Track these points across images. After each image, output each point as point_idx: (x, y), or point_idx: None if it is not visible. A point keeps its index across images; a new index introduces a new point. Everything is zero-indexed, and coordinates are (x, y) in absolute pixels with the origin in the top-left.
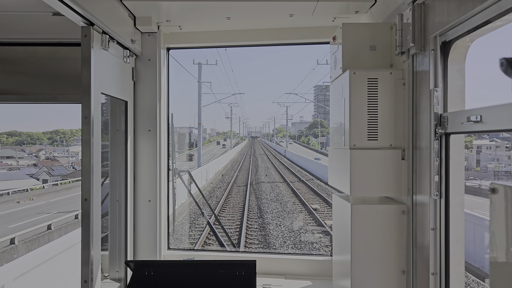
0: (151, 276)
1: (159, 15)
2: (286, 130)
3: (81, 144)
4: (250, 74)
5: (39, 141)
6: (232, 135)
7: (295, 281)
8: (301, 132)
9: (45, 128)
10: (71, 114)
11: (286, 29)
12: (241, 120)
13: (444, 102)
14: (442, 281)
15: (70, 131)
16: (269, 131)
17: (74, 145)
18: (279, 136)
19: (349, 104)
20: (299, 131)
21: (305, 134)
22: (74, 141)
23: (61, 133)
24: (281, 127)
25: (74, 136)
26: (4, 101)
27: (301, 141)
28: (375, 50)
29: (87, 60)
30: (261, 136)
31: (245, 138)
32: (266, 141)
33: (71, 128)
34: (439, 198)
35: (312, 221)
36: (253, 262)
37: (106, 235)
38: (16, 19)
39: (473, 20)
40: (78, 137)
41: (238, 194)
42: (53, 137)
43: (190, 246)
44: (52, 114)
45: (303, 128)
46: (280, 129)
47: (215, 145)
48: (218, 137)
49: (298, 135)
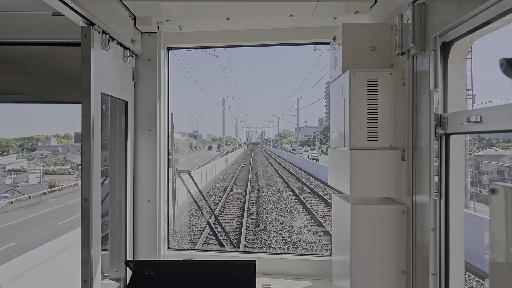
0: (151, 276)
1: (159, 15)
2: (297, 131)
3: (81, 144)
4: (251, 76)
5: (7, 149)
6: (224, 141)
7: (295, 281)
8: (308, 137)
9: (19, 134)
10: (52, 116)
11: (286, 29)
12: (238, 120)
13: (444, 103)
14: (442, 282)
15: (46, 137)
16: (271, 136)
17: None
18: (284, 142)
19: (349, 105)
20: (306, 136)
21: (318, 139)
22: (41, 148)
23: (35, 140)
24: (285, 132)
25: (46, 142)
26: (4, 101)
27: (318, 147)
28: (375, 50)
29: (87, 60)
30: (263, 142)
31: (244, 144)
32: (271, 149)
33: (50, 134)
34: (439, 198)
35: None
36: (253, 262)
37: (105, 234)
38: (16, 19)
39: (473, 20)
40: (46, 144)
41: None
42: (24, 144)
43: (190, 246)
44: (27, 117)
45: (311, 133)
46: (285, 134)
47: (206, 150)
48: (212, 143)
49: (305, 141)
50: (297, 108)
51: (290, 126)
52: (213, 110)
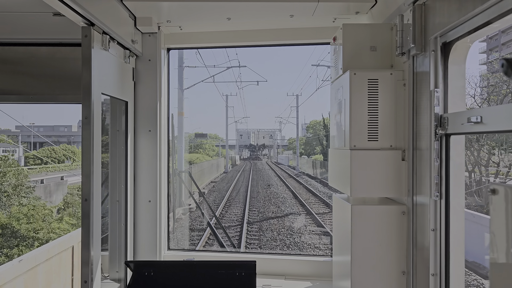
0: (151, 276)
1: (159, 16)
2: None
3: (81, 145)
4: (254, 76)
5: None
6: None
7: (295, 282)
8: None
9: None
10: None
11: (286, 30)
12: (238, 121)
13: (445, 103)
14: (442, 282)
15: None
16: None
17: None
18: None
19: (350, 105)
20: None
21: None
22: None
23: None
24: (292, 139)
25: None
26: (4, 101)
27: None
28: (376, 50)
29: (87, 61)
30: (270, 153)
31: (235, 156)
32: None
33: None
34: (439, 199)
35: None
36: (253, 263)
37: (106, 234)
38: (17, 19)
39: (473, 21)
40: None
41: None
42: None
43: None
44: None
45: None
46: (292, 141)
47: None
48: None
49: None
50: (297, 106)
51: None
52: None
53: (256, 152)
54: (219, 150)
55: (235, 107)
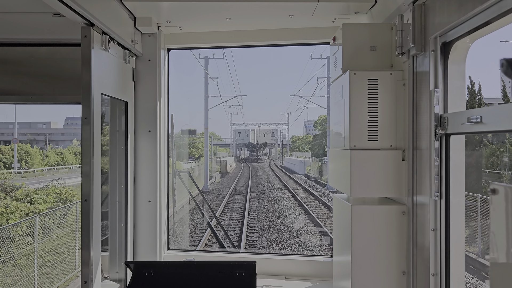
0: (151, 276)
1: (159, 16)
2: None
3: (81, 145)
4: (251, 79)
5: None
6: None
7: (295, 282)
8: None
9: None
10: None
11: (286, 30)
12: (237, 122)
13: (444, 103)
14: (442, 282)
15: None
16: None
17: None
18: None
19: (349, 105)
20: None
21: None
22: None
23: None
24: (296, 137)
25: None
26: (4, 101)
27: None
28: (376, 50)
29: (87, 61)
30: (271, 152)
31: (226, 160)
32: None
33: None
34: (439, 198)
35: None
36: (253, 263)
37: (106, 235)
38: (16, 19)
39: (473, 20)
40: None
41: None
42: None
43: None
44: None
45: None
46: (296, 139)
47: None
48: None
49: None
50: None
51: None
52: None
53: (256, 152)
54: (215, 149)
55: (235, 109)
